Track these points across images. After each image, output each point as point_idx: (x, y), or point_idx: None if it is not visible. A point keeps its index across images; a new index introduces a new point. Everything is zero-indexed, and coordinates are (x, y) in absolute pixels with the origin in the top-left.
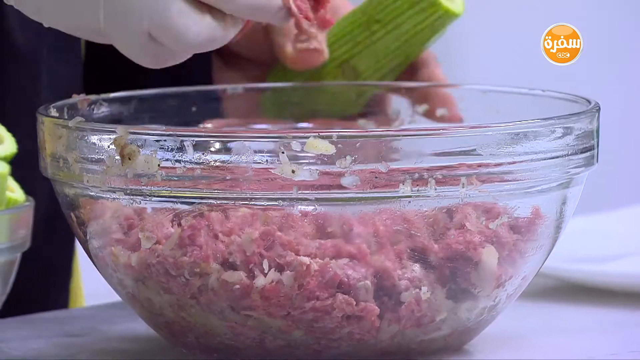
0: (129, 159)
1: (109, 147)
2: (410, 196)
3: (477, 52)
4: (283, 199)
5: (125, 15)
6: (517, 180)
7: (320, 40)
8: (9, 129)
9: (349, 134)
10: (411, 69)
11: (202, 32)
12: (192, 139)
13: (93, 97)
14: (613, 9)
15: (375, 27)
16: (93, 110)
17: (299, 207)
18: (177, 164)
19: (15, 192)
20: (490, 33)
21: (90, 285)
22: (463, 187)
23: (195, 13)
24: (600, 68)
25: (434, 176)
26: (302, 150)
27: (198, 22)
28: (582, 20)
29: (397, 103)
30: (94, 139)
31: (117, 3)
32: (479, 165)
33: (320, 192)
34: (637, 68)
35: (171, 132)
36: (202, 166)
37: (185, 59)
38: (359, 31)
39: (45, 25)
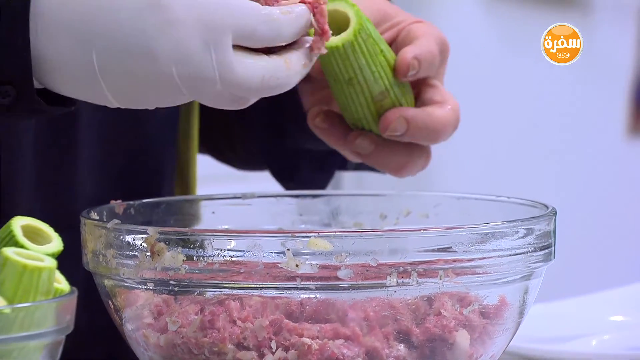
0: (158, 255)
1: (141, 245)
2: (395, 286)
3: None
4: (289, 289)
5: (201, 82)
6: (487, 273)
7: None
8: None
9: (344, 234)
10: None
11: (265, 76)
12: (212, 238)
13: (127, 203)
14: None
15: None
16: (128, 213)
17: (302, 295)
18: (198, 259)
19: (62, 283)
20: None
21: None
22: (440, 279)
23: (254, 60)
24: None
25: (416, 270)
26: (305, 247)
27: (258, 68)
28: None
29: (385, 208)
30: (129, 238)
31: (191, 81)
32: (454, 261)
33: (319, 282)
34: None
35: (193, 233)
36: (220, 261)
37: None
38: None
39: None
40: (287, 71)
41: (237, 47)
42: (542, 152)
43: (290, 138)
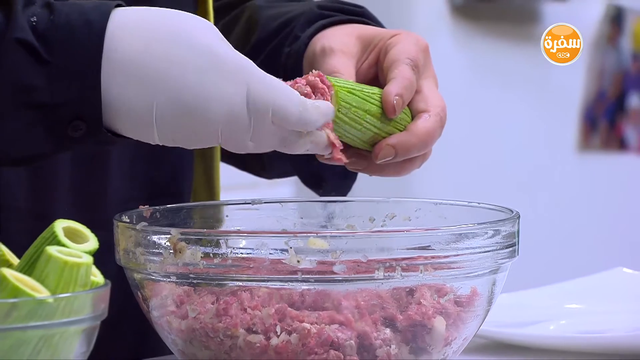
0: (180, 252)
1: (165, 244)
2: (382, 279)
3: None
4: (291, 281)
5: (236, 142)
6: (460, 268)
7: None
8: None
9: (338, 234)
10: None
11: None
12: (225, 237)
13: (154, 208)
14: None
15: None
16: (154, 217)
17: (303, 287)
18: (214, 256)
19: (97, 276)
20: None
21: None
22: (421, 273)
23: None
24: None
25: (400, 265)
26: (305, 246)
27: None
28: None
29: (373, 213)
30: (155, 238)
31: (230, 139)
32: (433, 257)
33: (317, 276)
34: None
35: (210, 233)
36: (232, 257)
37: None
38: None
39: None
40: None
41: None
42: (507, 165)
43: (312, 157)
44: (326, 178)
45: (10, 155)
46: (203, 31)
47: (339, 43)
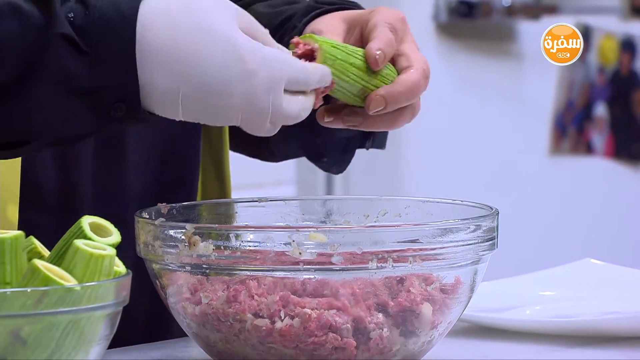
0: (194, 245)
1: (181, 237)
2: (376, 269)
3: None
4: (294, 271)
5: (256, 118)
6: (445, 259)
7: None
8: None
9: (336, 229)
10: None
11: (300, 110)
12: (235, 232)
13: (170, 205)
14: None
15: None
16: (171, 213)
17: (304, 276)
18: (225, 249)
19: (120, 267)
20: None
21: None
22: (410, 264)
23: (293, 99)
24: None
25: (391, 256)
26: (306, 239)
27: (296, 104)
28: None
29: (367, 209)
30: (171, 232)
31: (250, 117)
32: (421, 250)
33: (317, 266)
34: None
35: (221, 228)
36: (241, 250)
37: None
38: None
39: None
40: (312, 107)
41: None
42: (487, 166)
43: (321, 134)
44: (327, 154)
45: (60, 135)
46: (223, 20)
47: (326, 24)
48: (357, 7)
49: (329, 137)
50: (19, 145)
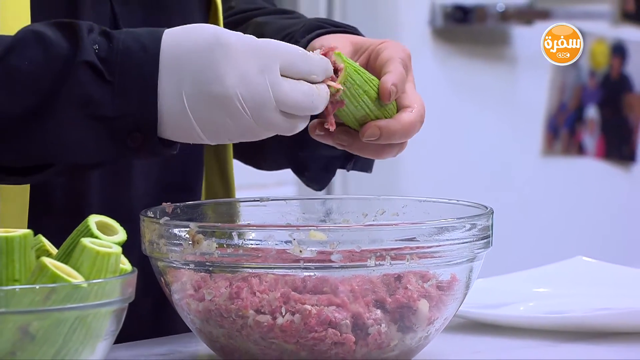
0: (197, 243)
1: (184, 236)
2: (374, 267)
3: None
4: (294, 269)
5: (260, 101)
6: (442, 257)
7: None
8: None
9: (335, 227)
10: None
11: (304, 97)
12: (237, 230)
13: (175, 204)
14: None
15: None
16: (175, 212)
17: (304, 273)
18: (227, 247)
19: (126, 264)
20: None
21: None
22: (407, 261)
23: (296, 83)
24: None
25: (389, 254)
26: (306, 238)
27: (299, 89)
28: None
29: (366, 209)
30: (176, 231)
31: (252, 101)
32: (418, 248)
33: (317, 264)
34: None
35: (224, 227)
36: (243, 248)
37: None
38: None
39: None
40: (317, 96)
41: (283, 75)
42: (481, 167)
43: (307, 148)
44: (309, 169)
45: (76, 160)
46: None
47: (334, 43)
48: (359, 32)
49: (313, 152)
50: (34, 172)
